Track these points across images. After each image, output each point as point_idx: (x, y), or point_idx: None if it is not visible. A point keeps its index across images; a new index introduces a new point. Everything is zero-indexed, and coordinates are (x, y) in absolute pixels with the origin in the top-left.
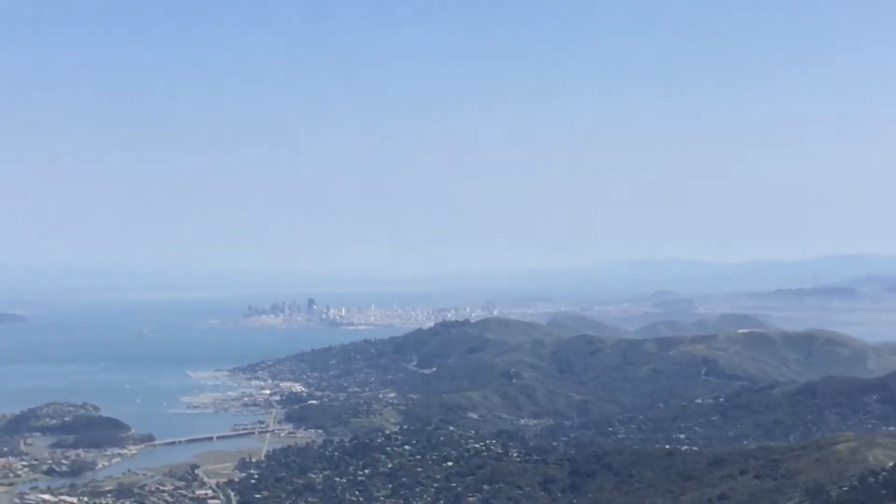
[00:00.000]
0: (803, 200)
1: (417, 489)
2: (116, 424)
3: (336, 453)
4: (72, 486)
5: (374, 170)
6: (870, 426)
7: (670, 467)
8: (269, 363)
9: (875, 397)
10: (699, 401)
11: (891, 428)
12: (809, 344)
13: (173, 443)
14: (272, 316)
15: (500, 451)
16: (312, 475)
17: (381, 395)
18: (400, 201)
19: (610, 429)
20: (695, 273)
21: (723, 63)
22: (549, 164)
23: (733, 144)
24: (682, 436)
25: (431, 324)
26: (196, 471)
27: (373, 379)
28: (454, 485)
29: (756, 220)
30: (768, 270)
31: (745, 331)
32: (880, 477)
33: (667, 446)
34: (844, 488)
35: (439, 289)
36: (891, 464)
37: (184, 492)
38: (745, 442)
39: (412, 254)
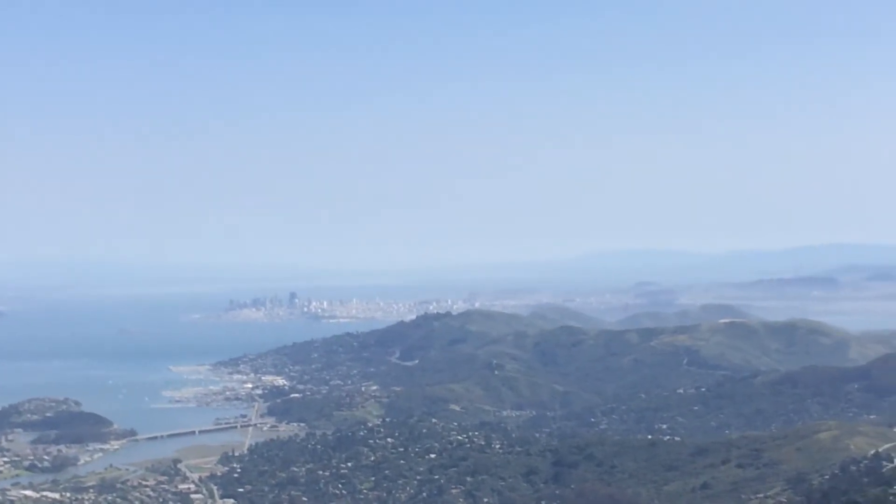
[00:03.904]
0: (784, 190)
1: (400, 481)
2: (98, 420)
3: (319, 446)
4: (54, 481)
5: (355, 164)
6: (851, 415)
7: (653, 457)
8: (251, 357)
9: (856, 386)
10: (681, 391)
11: (872, 416)
12: (791, 333)
13: (155, 437)
14: (254, 310)
15: (482, 442)
16: (295, 468)
17: (363, 388)
18: (381, 194)
19: (592, 419)
20: (676, 263)
21: (706, 44)
22: (531, 155)
23: (708, 133)
24: (664, 426)
25: (413, 316)
26: (178, 465)
27: (355, 372)
28: (437, 477)
29: (737, 209)
30: (750, 260)
31: (727, 321)
32: (862, 465)
33: (649, 436)
34: (826, 477)
35: (421, 281)
36: (872, 452)
37: (166, 486)
38: (727, 431)
39: (394, 246)
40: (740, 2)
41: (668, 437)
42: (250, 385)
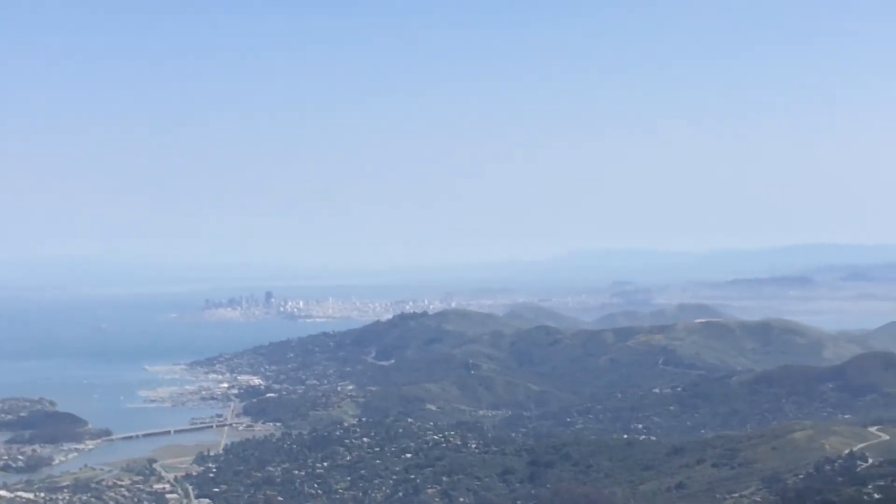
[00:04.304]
0: (761, 190)
1: (376, 481)
2: (73, 419)
3: (294, 446)
4: (28, 481)
5: (332, 164)
6: (826, 414)
7: (629, 457)
8: (226, 357)
9: (831, 386)
10: (657, 390)
11: (847, 416)
12: (766, 333)
13: (131, 437)
14: (230, 309)
15: (458, 442)
16: (271, 468)
17: (339, 388)
18: (357, 194)
19: (568, 419)
20: (653, 263)
21: (690, 44)
22: (509, 156)
23: (685, 133)
24: (640, 425)
25: (390, 316)
26: (154, 465)
27: (331, 371)
28: (413, 476)
29: (714, 209)
30: (726, 260)
31: (703, 320)
32: (836, 464)
33: (625, 436)
34: (801, 476)
35: (397, 281)
36: (847, 451)
37: (141, 486)
38: (702, 431)
39: (370, 246)
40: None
41: (644, 437)
42: (226, 385)
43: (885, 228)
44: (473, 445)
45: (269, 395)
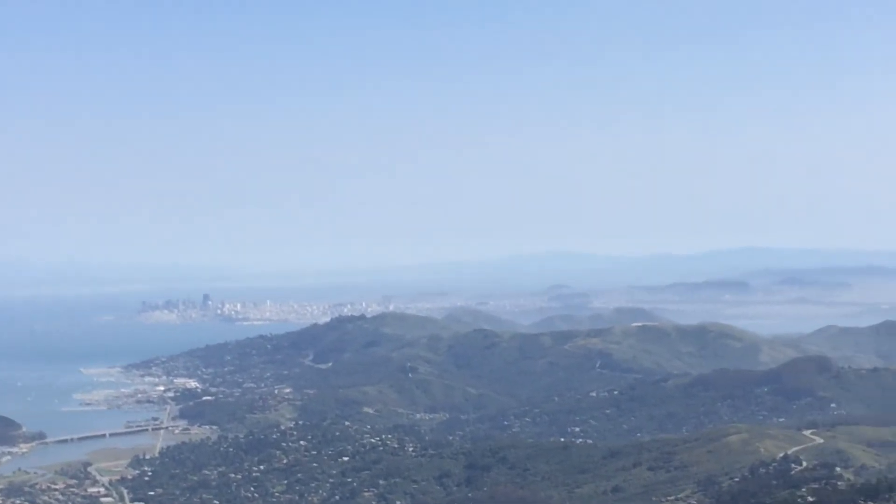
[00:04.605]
0: (697, 194)
1: (313, 484)
2: (7, 423)
3: (231, 449)
4: None
5: (271, 163)
6: (761, 418)
7: (565, 460)
8: (163, 359)
9: (766, 389)
10: (594, 394)
11: (781, 419)
12: (703, 337)
13: (65, 441)
14: (166, 311)
15: (396, 445)
16: (207, 472)
17: (276, 391)
18: (297, 195)
19: (506, 422)
20: (591, 267)
21: (624, 42)
22: (448, 157)
23: (623, 136)
24: (577, 429)
25: (328, 319)
26: (88, 469)
27: (268, 374)
28: (350, 480)
29: (651, 213)
30: (663, 264)
31: (640, 324)
32: (771, 468)
33: (562, 439)
34: (736, 479)
35: (336, 283)
36: (781, 455)
37: (76, 490)
38: (639, 434)
39: (308, 248)
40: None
41: (580, 440)
42: (162, 388)
43: (820, 233)
44: (410, 449)
45: (205, 398)
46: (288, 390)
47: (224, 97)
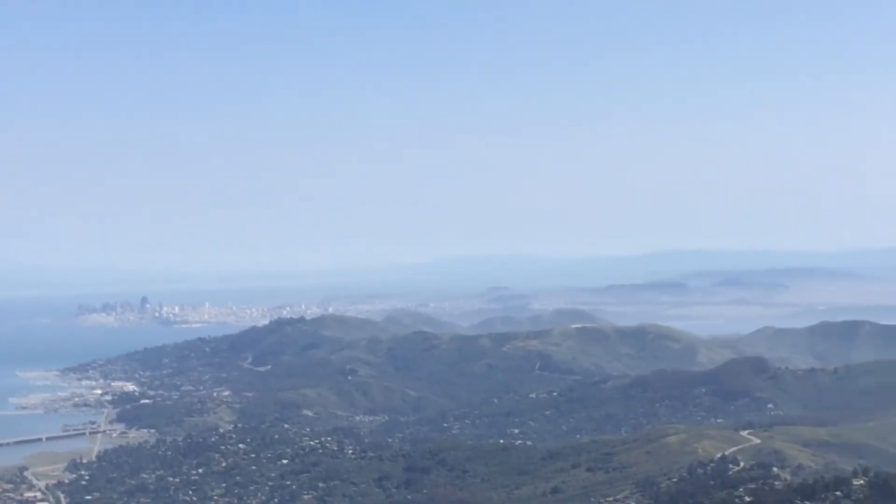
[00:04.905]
0: (635, 196)
1: (252, 487)
2: None
3: (169, 453)
4: None
5: (206, 165)
6: (699, 418)
7: (505, 462)
8: (100, 363)
9: (704, 390)
10: (533, 395)
11: (719, 420)
12: (641, 338)
13: (1, 445)
14: (104, 314)
15: (335, 448)
16: (145, 475)
17: (215, 394)
18: (236, 198)
19: (445, 424)
20: (530, 269)
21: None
22: (388, 160)
23: (559, 137)
24: (516, 430)
25: (267, 321)
26: (25, 473)
27: (207, 377)
28: (289, 483)
29: (589, 215)
30: (602, 266)
31: (579, 325)
32: (709, 468)
33: (501, 441)
34: (674, 480)
35: (275, 286)
36: (719, 455)
37: (11, 494)
38: (578, 436)
39: (248, 251)
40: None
41: (519, 442)
42: (99, 391)
43: (758, 235)
44: (350, 451)
45: (143, 401)
46: (227, 393)
47: (159, 101)
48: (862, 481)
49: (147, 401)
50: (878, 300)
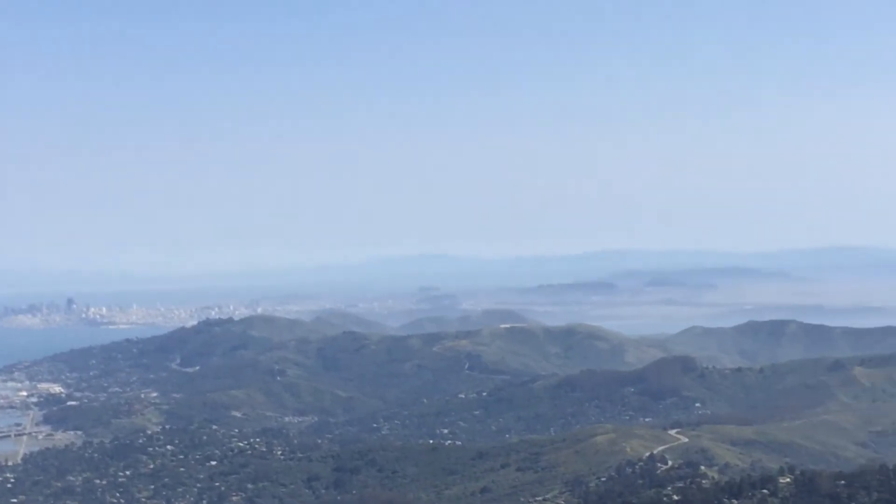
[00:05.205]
0: (563, 196)
1: (180, 489)
2: None
3: (96, 455)
4: None
5: (136, 167)
6: (627, 418)
7: (434, 462)
8: (25, 364)
9: (632, 389)
10: (462, 395)
11: (648, 419)
12: (570, 338)
13: None
14: (29, 316)
15: (264, 449)
16: (72, 478)
17: (143, 395)
18: (161, 199)
19: (375, 425)
20: (459, 269)
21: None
22: (314, 157)
23: (486, 138)
24: (445, 430)
25: (195, 322)
26: None
27: (134, 379)
28: (217, 484)
29: (520, 215)
30: (531, 265)
31: (508, 326)
32: (637, 467)
33: (430, 441)
34: (603, 479)
35: (203, 287)
36: (647, 454)
37: None
38: (507, 435)
39: (175, 251)
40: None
41: (449, 442)
42: (25, 393)
43: (686, 235)
44: (279, 452)
45: (70, 403)
46: (154, 395)
47: (79, 100)
48: (788, 479)
49: (74, 402)
50: (805, 300)
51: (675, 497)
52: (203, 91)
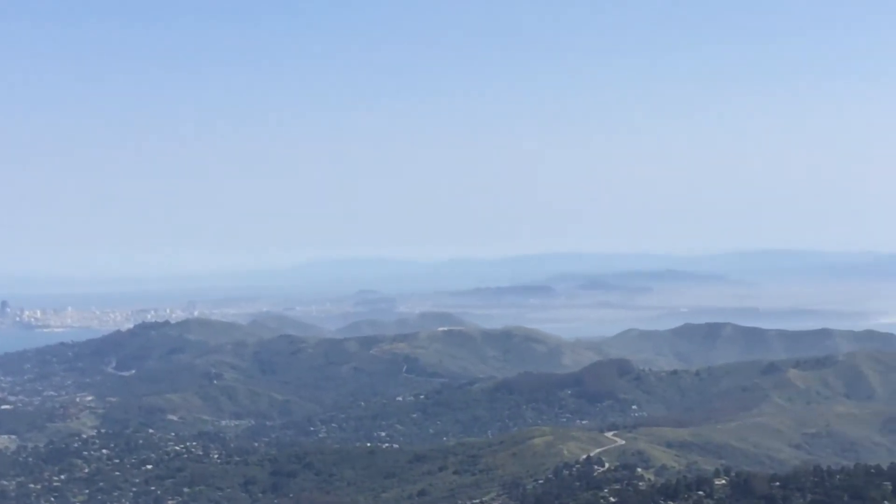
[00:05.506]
0: (501, 198)
1: (115, 493)
2: None
3: (30, 459)
4: None
5: (70, 169)
6: (564, 420)
7: (371, 465)
8: None
9: (569, 392)
10: (400, 399)
11: (584, 421)
12: (507, 341)
13: None
14: None
15: (200, 452)
16: (5, 482)
17: (78, 399)
18: (96, 201)
19: (312, 428)
20: (396, 272)
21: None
22: (247, 159)
23: (424, 139)
24: (383, 434)
25: (131, 325)
26: None
27: (69, 382)
28: (153, 488)
29: (455, 217)
30: (468, 268)
31: (446, 329)
32: (574, 469)
33: (368, 444)
34: (540, 481)
35: (139, 290)
36: (584, 456)
37: None
38: (444, 438)
39: (111, 254)
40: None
41: (386, 445)
42: None
43: (621, 237)
44: (215, 456)
45: (4, 406)
46: (90, 398)
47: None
48: (723, 481)
49: (7, 406)
50: (740, 302)
51: (612, 499)
52: (152, 91)
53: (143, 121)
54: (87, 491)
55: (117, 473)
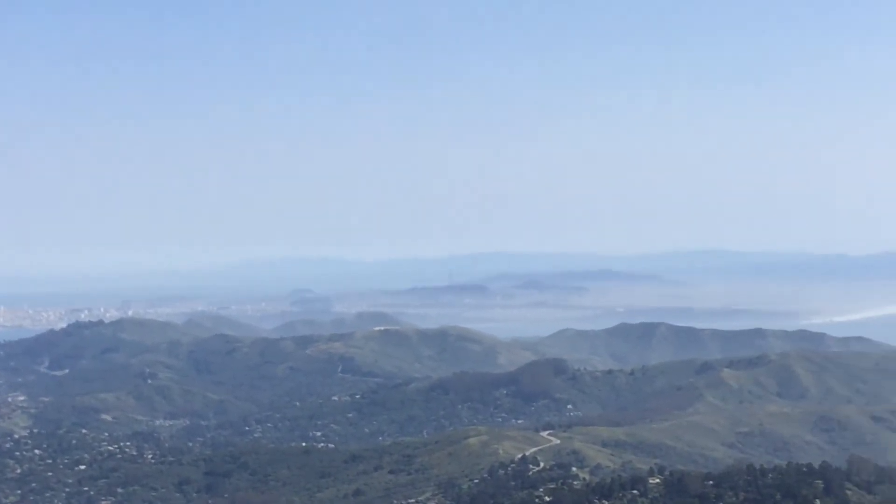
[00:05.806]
0: (436, 198)
1: (48, 494)
2: None
3: None
4: None
5: (6, 167)
6: (500, 420)
7: (306, 465)
8: None
9: (505, 392)
10: (336, 398)
11: (520, 421)
12: (443, 340)
13: None
14: None
15: (134, 453)
16: None
17: (10, 399)
18: (31, 198)
19: (247, 428)
20: (332, 271)
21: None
22: (192, 161)
23: (357, 140)
24: (318, 433)
25: (64, 324)
26: None
27: (1, 382)
28: (87, 489)
29: (392, 217)
30: (404, 268)
31: (381, 328)
32: (509, 469)
33: (303, 444)
34: (475, 481)
35: (73, 289)
36: (519, 456)
37: None
38: (380, 438)
39: (44, 253)
40: None
41: (322, 445)
42: None
43: (557, 238)
44: (150, 456)
45: None
46: (22, 398)
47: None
48: (658, 480)
49: None
50: (675, 302)
51: (547, 498)
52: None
53: (73, 118)
54: (18, 491)
55: (50, 474)
